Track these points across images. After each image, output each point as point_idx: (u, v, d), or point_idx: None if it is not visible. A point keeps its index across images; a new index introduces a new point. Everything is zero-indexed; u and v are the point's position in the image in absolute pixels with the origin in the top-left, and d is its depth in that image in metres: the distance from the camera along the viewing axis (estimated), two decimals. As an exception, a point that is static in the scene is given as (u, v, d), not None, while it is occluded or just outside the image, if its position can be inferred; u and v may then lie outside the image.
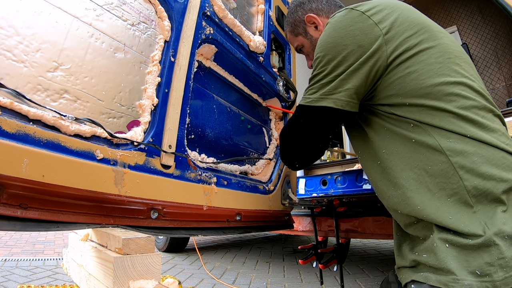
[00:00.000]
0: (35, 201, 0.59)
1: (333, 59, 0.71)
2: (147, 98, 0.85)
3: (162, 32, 0.93)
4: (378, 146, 0.73)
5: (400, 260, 0.72)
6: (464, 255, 0.57)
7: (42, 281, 1.98)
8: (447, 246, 0.59)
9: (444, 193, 0.61)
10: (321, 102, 0.72)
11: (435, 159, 0.63)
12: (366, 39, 0.69)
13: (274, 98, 1.43)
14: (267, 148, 1.42)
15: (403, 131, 0.68)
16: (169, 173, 0.88)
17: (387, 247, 3.20)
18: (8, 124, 0.56)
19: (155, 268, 0.63)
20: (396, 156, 0.69)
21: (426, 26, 0.71)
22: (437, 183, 0.62)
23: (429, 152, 0.64)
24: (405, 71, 0.67)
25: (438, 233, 0.61)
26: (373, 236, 1.76)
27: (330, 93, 0.71)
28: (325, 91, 0.72)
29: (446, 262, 0.57)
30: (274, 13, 1.43)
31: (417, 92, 0.66)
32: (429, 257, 0.61)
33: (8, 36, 0.62)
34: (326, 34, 0.74)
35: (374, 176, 0.77)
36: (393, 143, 0.69)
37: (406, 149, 0.67)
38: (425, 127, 0.65)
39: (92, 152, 0.70)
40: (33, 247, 3.13)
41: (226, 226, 1.07)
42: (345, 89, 0.70)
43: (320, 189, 1.83)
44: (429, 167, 0.64)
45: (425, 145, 0.64)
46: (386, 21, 0.70)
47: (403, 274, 0.69)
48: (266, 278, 2.13)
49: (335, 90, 0.71)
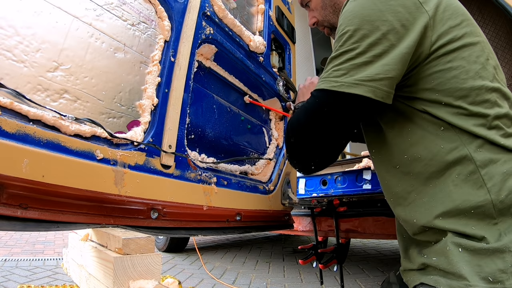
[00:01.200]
0: (35, 201, 0.59)
1: (370, 35, 0.58)
2: (147, 98, 0.85)
3: (162, 32, 0.93)
4: (399, 149, 0.65)
5: (406, 263, 0.69)
6: (477, 260, 0.54)
7: (42, 281, 1.98)
8: (460, 251, 0.56)
9: (468, 205, 0.57)
10: (355, 89, 0.57)
11: (463, 169, 0.58)
12: (410, 19, 0.58)
13: (274, 98, 1.43)
14: (267, 148, 1.42)
15: (430, 135, 0.60)
16: (169, 173, 0.88)
17: (387, 247, 3.20)
18: (8, 124, 0.56)
19: (155, 268, 0.63)
20: (420, 163, 0.62)
21: (469, 18, 0.63)
22: (462, 193, 0.58)
23: (457, 161, 0.58)
24: (447, 65, 0.59)
25: (452, 237, 0.58)
26: (373, 236, 1.76)
27: (369, 79, 0.57)
28: (362, 76, 0.57)
29: (459, 267, 0.55)
30: (274, 13, 1.43)
31: (455, 92, 0.59)
32: (440, 260, 0.58)
33: (8, 36, 0.62)
34: (360, 4, 0.61)
35: (389, 180, 0.70)
36: (417, 148, 0.62)
37: (434, 156, 0.60)
38: (457, 131, 0.59)
39: (92, 152, 0.70)
40: (33, 247, 3.13)
41: (226, 226, 1.07)
42: (388, 78, 0.57)
43: (320, 189, 1.83)
44: (455, 176, 0.58)
45: (454, 153, 0.59)
46: (430, 2, 0.60)
47: (410, 277, 0.66)
48: (266, 278, 2.13)
49: (376, 76, 0.57)
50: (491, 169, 0.56)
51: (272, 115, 1.49)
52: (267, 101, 1.44)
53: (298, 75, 1.87)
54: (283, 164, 1.42)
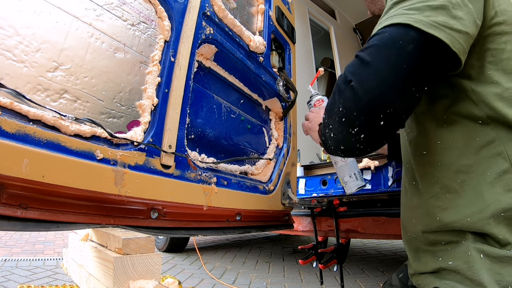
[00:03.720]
0: (35, 201, 0.59)
1: None
2: (147, 98, 0.85)
3: (162, 32, 0.93)
4: (433, 134, 0.59)
5: (417, 265, 0.66)
6: (499, 268, 0.52)
7: (42, 281, 1.98)
8: (481, 257, 0.53)
9: (499, 207, 0.52)
10: (434, 30, 0.47)
11: (497, 167, 0.53)
12: None
13: (274, 98, 1.43)
14: (267, 148, 1.42)
15: (469, 121, 0.55)
16: (169, 173, 0.88)
17: (387, 247, 3.20)
18: (8, 124, 0.56)
19: (155, 268, 0.63)
20: (454, 153, 0.57)
21: None
22: (494, 193, 0.53)
23: (492, 156, 0.53)
24: (501, 46, 0.53)
25: (474, 242, 0.54)
26: (373, 236, 1.76)
27: (447, 26, 0.47)
28: (439, 20, 0.47)
29: (480, 275, 0.52)
30: (274, 13, 1.43)
31: (504, 76, 0.53)
32: (458, 264, 0.55)
33: (8, 36, 0.62)
34: None
35: (413, 165, 0.66)
36: (453, 135, 0.56)
37: (467, 147, 0.55)
38: (502, 122, 0.53)
39: (92, 152, 0.70)
40: (33, 247, 3.13)
41: (226, 226, 1.07)
42: (465, 32, 0.48)
43: (320, 189, 1.83)
44: (488, 174, 0.53)
45: (489, 149, 0.54)
46: None
47: (422, 280, 0.63)
48: (266, 278, 2.13)
49: (453, 25, 0.48)
50: None
51: (272, 115, 1.49)
52: (267, 101, 1.44)
53: (298, 75, 1.87)
54: (283, 164, 1.42)
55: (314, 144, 2.62)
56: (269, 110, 1.47)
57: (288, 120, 1.51)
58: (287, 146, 1.47)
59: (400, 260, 2.57)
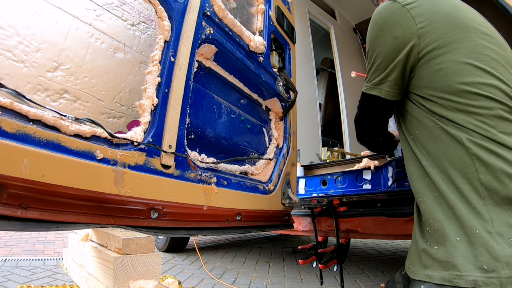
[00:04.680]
0: (35, 201, 0.59)
1: (375, 50, 0.80)
2: (147, 98, 0.85)
3: (162, 32, 0.93)
4: (408, 129, 0.80)
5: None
6: (473, 249, 0.58)
7: (42, 281, 1.98)
8: (457, 239, 0.60)
9: (474, 191, 0.63)
10: (371, 91, 0.82)
11: (456, 150, 0.66)
12: (401, 32, 0.74)
13: (274, 98, 1.43)
14: (267, 148, 1.42)
15: (429, 122, 0.73)
16: (169, 173, 0.88)
17: (387, 247, 3.20)
18: (8, 124, 0.56)
19: (155, 268, 0.63)
20: (423, 140, 0.74)
21: (464, 26, 0.72)
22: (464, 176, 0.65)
23: (450, 141, 0.67)
24: (435, 67, 0.71)
25: (449, 224, 0.63)
26: (373, 236, 1.76)
27: (378, 83, 0.81)
28: (375, 81, 0.81)
29: (453, 257, 0.59)
30: (274, 13, 1.43)
31: (445, 88, 0.69)
32: (439, 250, 0.63)
33: (8, 36, 0.62)
34: (371, 25, 0.82)
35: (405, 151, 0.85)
36: (421, 130, 0.76)
37: (429, 137, 0.72)
38: (447, 122, 0.68)
39: (92, 152, 0.70)
40: (33, 247, 3.13)
41: (226, 226, 1.07)
42: (387, 81, 0.78)
43: (320, 189, 1.83)
44: (449, 153, 0.67)
45: (448, 135, 0.68)
46: (423, 15, 0.73)
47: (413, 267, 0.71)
48: (266, 278, 2.13)
49: (381, 80, 0.80)
50: (479, 152, 0.66)
51: (272, 115, 1.49)
52: (267, 101, 1.44)
53: (298, 75, 1.87)
54: (283, 164, 1.42)
55: (314, 144, 2.62)
56: (269, 110, 1.47)
57: (288, 120, 1.51)
58: (287, 146, 1.47)
59: (400, 260, 2.57)
